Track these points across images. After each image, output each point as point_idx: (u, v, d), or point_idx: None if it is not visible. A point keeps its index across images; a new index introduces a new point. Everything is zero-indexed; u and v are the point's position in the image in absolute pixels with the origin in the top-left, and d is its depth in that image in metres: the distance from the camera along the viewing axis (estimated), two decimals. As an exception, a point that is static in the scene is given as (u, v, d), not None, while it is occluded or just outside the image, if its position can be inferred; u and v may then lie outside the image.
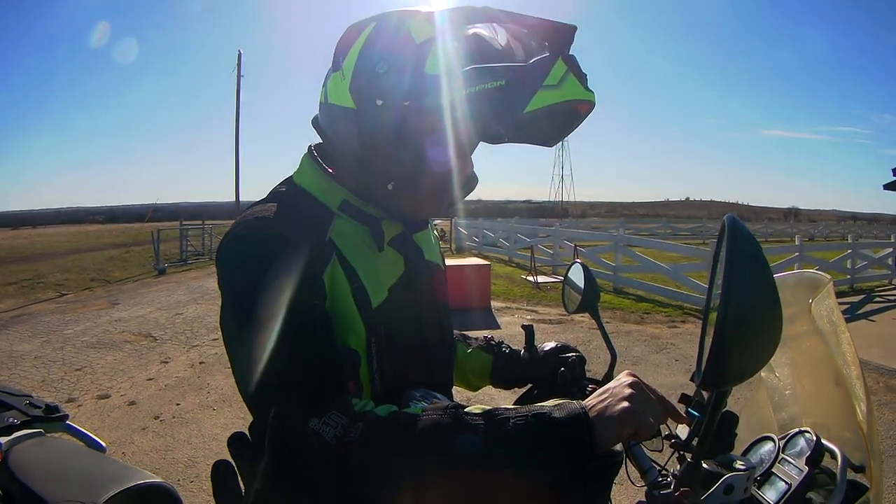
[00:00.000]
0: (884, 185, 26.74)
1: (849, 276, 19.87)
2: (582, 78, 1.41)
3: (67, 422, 2.63)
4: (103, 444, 2.63)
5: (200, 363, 9.73)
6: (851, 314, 15.08)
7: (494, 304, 15.80)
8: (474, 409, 1.32)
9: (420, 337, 1.70)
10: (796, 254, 18.14)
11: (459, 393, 1.86)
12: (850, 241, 21.73)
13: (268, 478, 1.33)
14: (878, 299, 17.76)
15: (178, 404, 7.69)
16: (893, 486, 5.62)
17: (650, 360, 10.37)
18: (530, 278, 20.60)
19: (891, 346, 11.26)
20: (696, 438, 1.35)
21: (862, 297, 18.08)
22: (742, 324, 1.11)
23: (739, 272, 1.13)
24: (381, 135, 1.51)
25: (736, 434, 1.57)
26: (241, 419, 7.02)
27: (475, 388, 2.26)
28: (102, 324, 12.70)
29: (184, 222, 30.18)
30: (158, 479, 2.19)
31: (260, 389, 1.32)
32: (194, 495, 5.24)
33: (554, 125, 1.48)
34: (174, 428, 6.86)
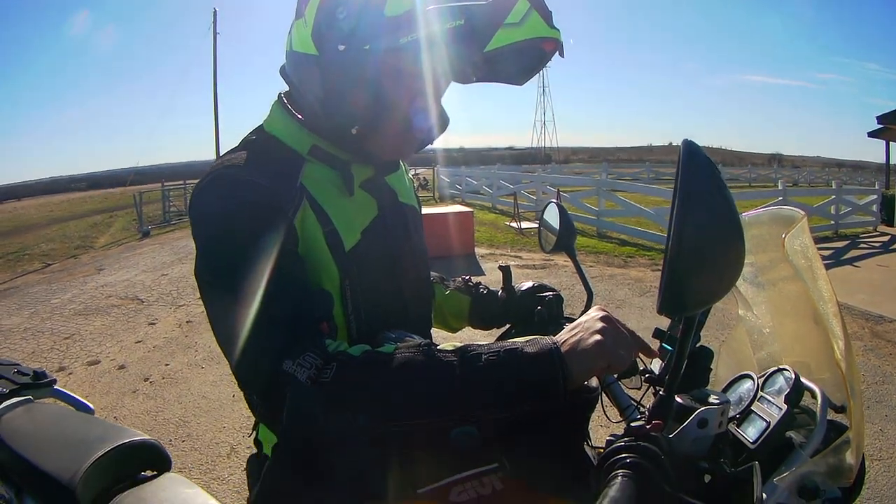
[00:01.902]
0: (868, 133, 26.94)
1: (833, 222, 19.97)
2: (547, 16, 1.39)
3: (55, 387, 2.64)
4: (91, 406, 2.66)
5: (187, 322, 9.75)
6: (836, 259, 15.22)
7: (478, 250, 15.83)
8: (447, 346, 1.33)
9: (396, 279, 1.71)
10: (780, 198, 18.02)
11: (438, 334, 1.87)
12: (834, 187, 21.69)
13: (262, 418, 1.34)
14: (862, 245, 17.83)
15: (166, 365, 7.71)
16: (879, 433, 5.67)
17: (634, 302, 10.45)
18: (514, 224, 20.73)
19: (875, 291, 11.39)
20: (669, 372, 1.35)
21: (846, 242, 18.19)
22: (697, 248, 1.09)
23: (694, 196, 1.11)
24: (344, 79, 1.51)
25: (711, 369, 1.59)
26: (228, 376, 7.02)
27: (454, 330, 2.29)
28: (89, 290, 12.66)
29: (166, 183, 29.96)
30: (146, 436, 2.22)
31: (234, 334, 1.32)
32: (186, 454, 5.28)
33: (519, 64, 1.48)
34: (164, 389, 6.88)
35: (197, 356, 8.02)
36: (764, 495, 1.35)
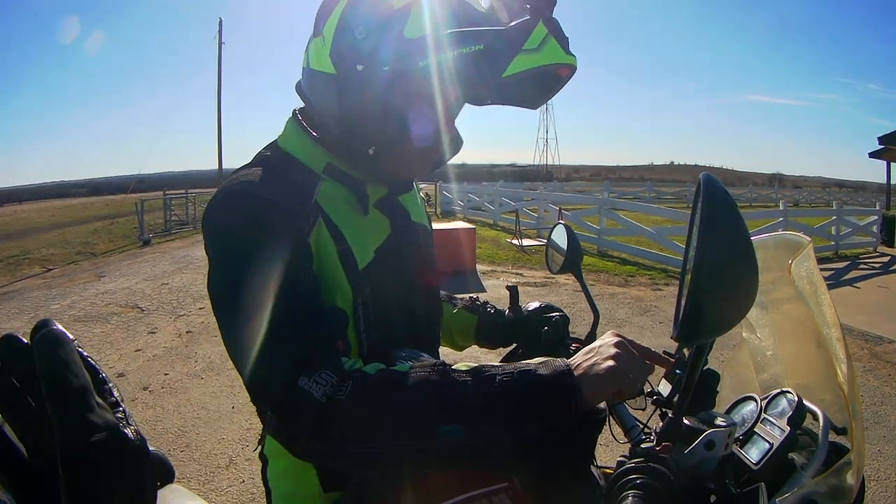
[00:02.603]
0: (869, 153, 26.98)
1: (833, 243, 19.95)
2: (563, 41, 1.40)
3: None
4: None
5: (187, 332, 9.74)
6: (836, 280, 15.19)
7: (480, 267, 15.85)
8: (461, 366, 1.34)
9: (407, 298, 1.72)
10: (780, 219, 18.08)
11: (445, 353, 1.88)
12: (834, 207, 21.67)
13: (275, 433, 1.35)
14: (862, 266, 17.84)
15: (166, 374, 7.70)
16: (877, 454, 5.66)
17: (634, 322, 10.45)
18: (515, 241, 20.64)
19: (875, 312, 11.38)
20: (678, 395, 1.36)
21: (846, 263, 18.18)
22: (716, 278, 1.13)
23: (714, 227, 1.14)
24: (361, 100, 1.52)
25: (717, 392, 1.60)
26: (228, 387, 7.10)
27: (460, 348, 2.29)
28: (89, 297, 12.64)
29: (167, 192, 29.93)
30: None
31: (249, 349, 1.32)
32: (184, 465, 5.27)
33: (535, 88, 1.47)
34: (163, 398, 6.88)
35: (197, 366, 8.01)
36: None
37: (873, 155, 27.46)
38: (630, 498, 1.14)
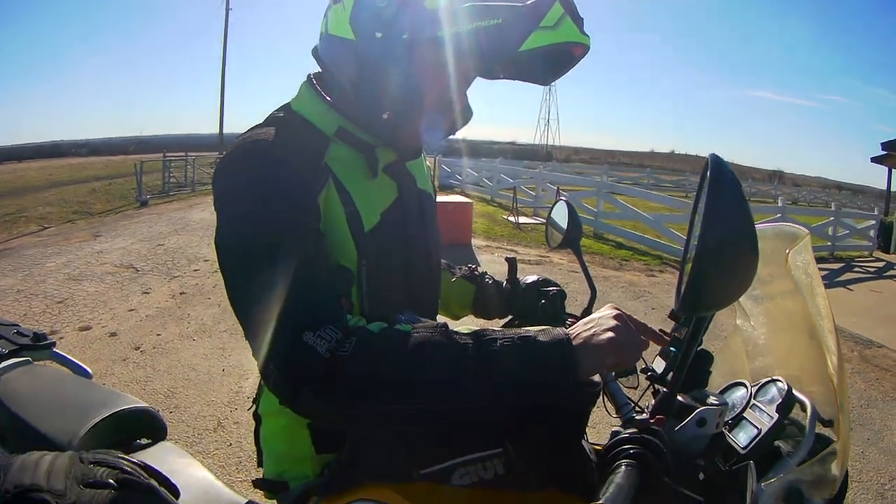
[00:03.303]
0: (872, 158, 26.98)
1: (829, 244, 20.02)
2: (578, 21, 1.43)
3: (54, 349, 2.64)
4: (89, 370, 2.66)
5: (181, 294, 9.75)
6: (830, 281, 15.32)
7: (475, 241, 15.92)
8: (462, 329, 1.35)
9: (410, 262, 1.74)
10: (778, 215, 18.03)
11: (441, 321, 1.90)
12: (833, 208, 21.72)
13: (276, 388, 1.36)
14: (857, 269, 17.95)
15: (158, 335, 7.72)
16: (861, 456, 5.73)
17: (626, 306, 10.27)
18: (511, 218, 20.73)
19: (867, 315, 11.42)
20: (672, 372, 1.39)
21: (842, 265, 18.28)
22: (720, 252, 1.15)
23: (721, 203, 1.17)
24: (379, 66, 1.54)
25: (710, 372, 1.62)
26: (219, 349, 7.13)
27: (457, 317, 2.31)
28: (84, 256, 12.62)
29: (167, 154, 29.84)
30: (144, 404, 2.23)
31: (254, 305, 1.35)
32: (173, 426, 5.27)
33: (547, 65, 1.51)
34: (154, 358, 6.90)
35: (189, 328, 8.03)
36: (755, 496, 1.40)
37: (875, 160, 27.47)
38: (623, 467, 1.16)
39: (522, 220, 20.34)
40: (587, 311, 1.98)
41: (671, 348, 1.54)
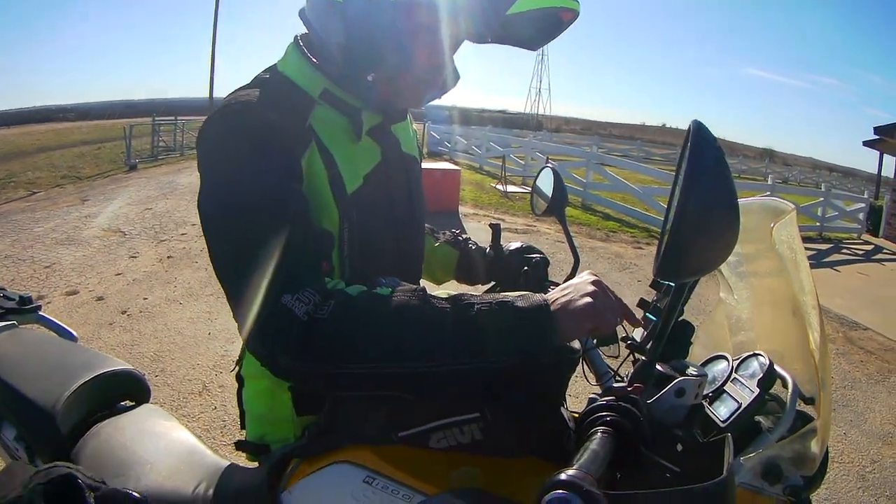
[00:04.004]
0: (864, 142, 27.06)
1: (818, 224, 20.05)
2: None
3: (40, 312, 2.65)
4: (74, 333, 2.67)
5: (168, 258, 9.76)
6: (817, 261, 15.42)
7: (462, 209, 15.99)
8: (441, 293, 1.36)
9: (393, 225, 1.74)
10: (767, 193, 17.98)
11: (424, 286, 1.91)
12: (823, 189, 21.80)
13: (255, 350, 1.37)
14: (845, 251, 18.02)
15: (145, 299, 7.73)
16: (843, 437, 5.80)
17: (612, 277, 10.57)
18: (500, 186, 20.84)
19: (853, 298, 11.48)
20: (652, 341, 1.39)
21: (830, 246, 18.35)
22: (700, 218, 1.15)
23: (701, 168, 1.16)
24: (366, 27, 1.52)
25: (691, 343, 1.63)
26: (206, 313, 7.16)
27: (439, 282, 2.32)
28: (72, 220, 12.56)
29: (156, 118, 29.65)
30: (128, 366, 2.24)
31: (235, 266, 1.35)
32: (158, 389, 5.30)
33: (536, 29, 1.50)
34: (141, 322, 6.91)
35: (176, 292, 8.04)
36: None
37: (867, 144, 27.53)
38: (599, 434, 1.16)
39: (511, 188, 20.37)
40: (570, 279, 1.99)
41: (651, 317, 1.54)
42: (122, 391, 2.22)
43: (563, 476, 0.96)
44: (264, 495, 1.54)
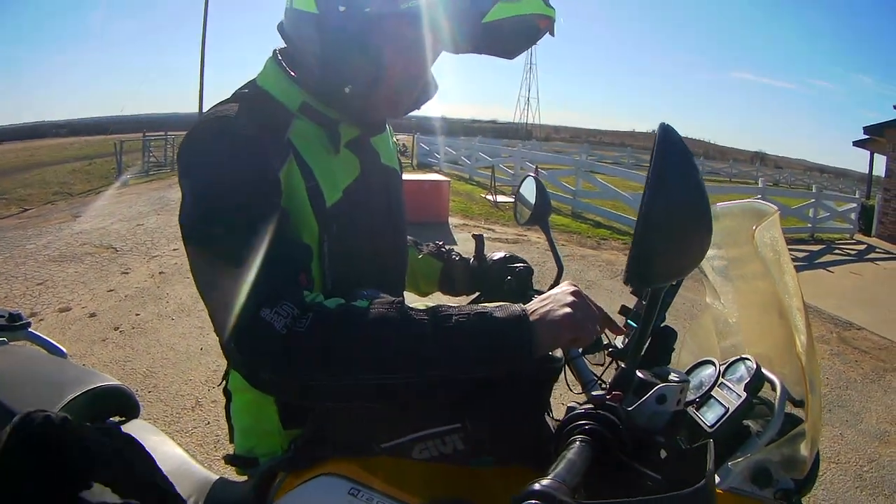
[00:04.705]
0: (854, 142, 27.15)
1: (810, 225, 20.04)
2: None
3: (29, 329, 2.64)
4: (64, 350, 2.66)
5: (160, 273, 9.73)
6: (809, 262, 15.44)
7: (452, 220, 15.97)
8: (419, 305, 1.36)
9: (373, 238, 1.74)
10: (759, 196, 17.96)
11: (408, 299, 1.91)
12: (814, 190, 21.84)
13: (237, 364, 1.38)
14: (837, 251, 18.03)
15: (137, 315, 7.71)
16: (839, 437, 5.81)
17: (604, 285, 10.53)
18: (489, 197, 20.82)
19: (846, 298, 11.51)
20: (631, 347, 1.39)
21: (822, 247, 18.33)
22: (666, 223, 1.15)
23: (665, 175, 1.16)
24: (342, 40, 1.53)
25: (673, 349, 1.63)
26: (198, 328, 7.14)
27: (424, 294, 2.32)
28: (64, 237, 12.53)
29: (147, 133, 29.66)
30: (118, 382, 2.24)
31: (215, 281, 1.36)
32: (151, 405, 5.30)
33: (512, 38, 1.51)
34: (133, 338, 6.89)
35: (168, 307, 8.03)
36: (718, 478, 1.40)
37: (858, 144, 27.58)
38: (577, 443, 1.16)
39: (500, 198, 20.32)
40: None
41: (633, 324, 1.55)
42: (111, 407, 2.22)
43: (535, 486, 0.96)
44: None
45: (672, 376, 1.37)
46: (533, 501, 0.94)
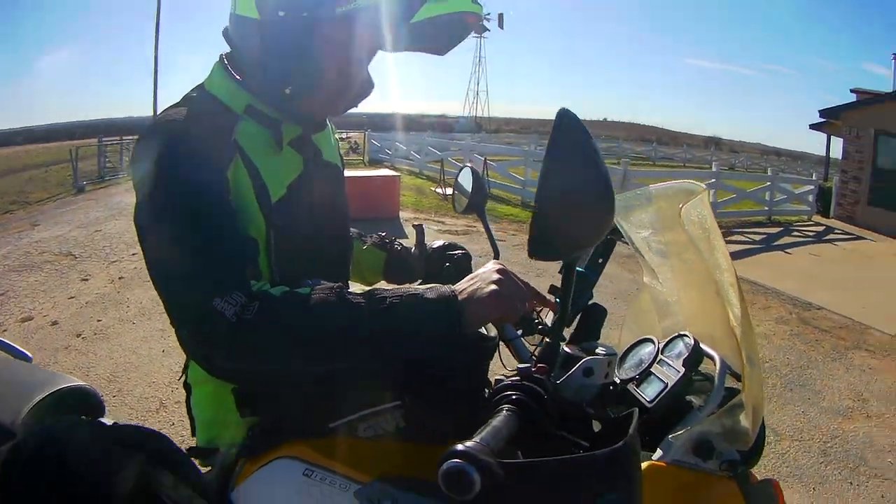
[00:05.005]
0: (810, 125, 27.26)
1: (766, 208, 20.30)
2: None
3: None
4: (29, 354, 2.69)
5: (120, 278, 9.68)
6: (767, 245, 15.57)
7: (403, 214, 16.14)
8: (357, 289, 1.44)
9: (317, 231, 1.80)
10: (712, 180, 18.33)
11: (355, 288, 1.97)
12: (769, 173, 22.19)
13: (192, 353, 1.45)
14: (795, 233, 18.22)
15: (99, 321, 7.67)
16: (801, 415, 5.96)
17: (554, 272, 10.47)
18: (439, 190, 20.87)
19: (805, 279, 11.68)
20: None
21: (780, 229, 18.53)
22: (560, 199, 1.24)
23: (559, 153, 1.25)
24: (281, 44, 1.59)
25: (602, 325, 1.69)
26: (159, 331, 7.11)
27: (370, 283, 2.36)
28: (23, 246, 12.33)
29: (103, 138, 29.29)
30: (82, 382, 2.29)
31: (169, 274, 1.43)
32: (117, 409, 5.29)
33: (442, 35, 1.60)
34: (96, 344, 6.87)
35: (129, 312, 8.00)
36: (660, 452, 1.47)
37: (814, 127, 27.69)
38: (504, 411, 1.21)
39: (449, 191, 20.07)
40: None
41: (558, 300, 1.61)
42: (78, 407, 2.26)
43: (459, 447, 1.03)
44: (213, 497, 1.59)
45: (599, 350, 1.44)
46: (457, 460, 1.00)
